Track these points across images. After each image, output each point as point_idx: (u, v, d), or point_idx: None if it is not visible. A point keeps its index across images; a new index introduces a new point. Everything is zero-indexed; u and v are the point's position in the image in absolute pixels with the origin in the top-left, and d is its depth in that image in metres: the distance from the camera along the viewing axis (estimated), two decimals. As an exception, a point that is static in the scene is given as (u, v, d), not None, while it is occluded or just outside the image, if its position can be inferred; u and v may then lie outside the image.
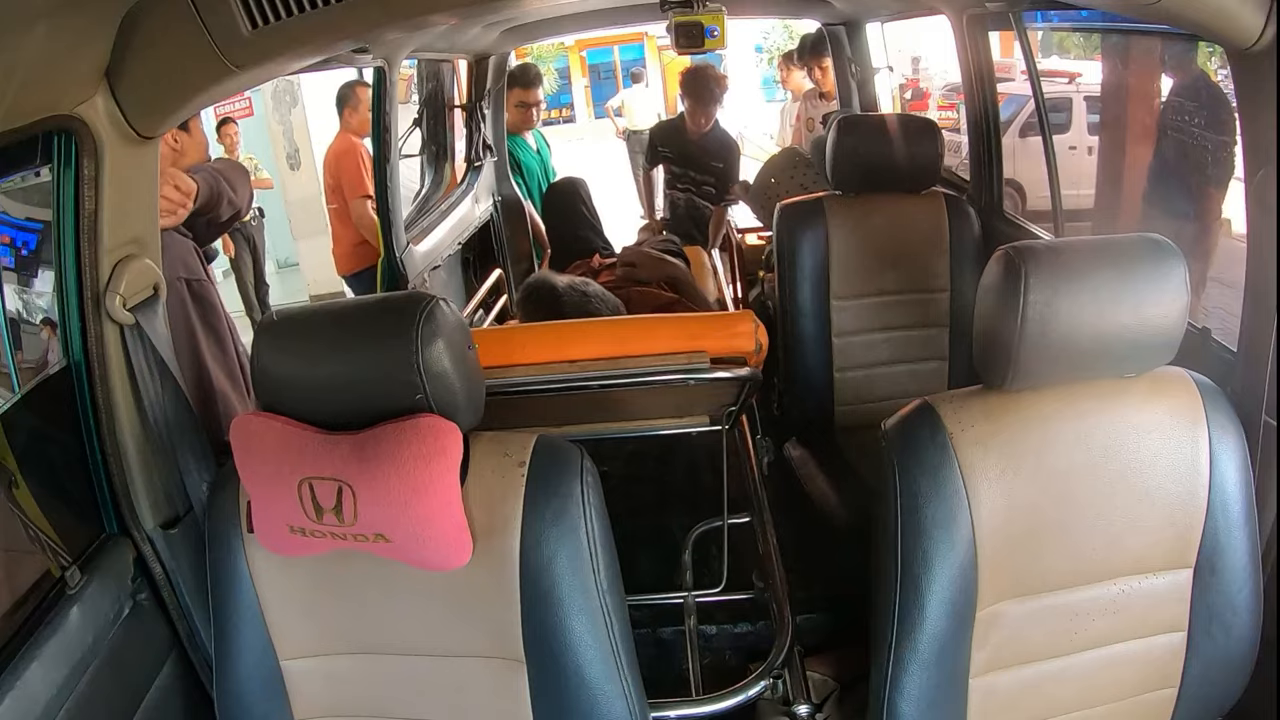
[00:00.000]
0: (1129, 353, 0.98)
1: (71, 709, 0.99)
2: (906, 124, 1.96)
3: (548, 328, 1.84)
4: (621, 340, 1.57)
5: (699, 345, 1.53)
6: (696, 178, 3.41)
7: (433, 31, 2.41)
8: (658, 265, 2.45)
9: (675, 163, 3.45)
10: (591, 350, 1.55)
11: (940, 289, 1.96)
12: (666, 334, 1.59)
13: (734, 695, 1.40)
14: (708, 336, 1.56)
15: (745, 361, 1.54)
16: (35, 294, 1.22)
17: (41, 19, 0.84)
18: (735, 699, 1.39)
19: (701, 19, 1.87)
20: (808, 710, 1.46)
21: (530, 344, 1.57)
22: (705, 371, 1.50)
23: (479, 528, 0.94)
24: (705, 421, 1.97)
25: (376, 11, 1.04)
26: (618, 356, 1.53)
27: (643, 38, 14.09)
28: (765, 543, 1.73)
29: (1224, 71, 2.43)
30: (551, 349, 1.56)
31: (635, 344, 1.56)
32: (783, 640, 1.49)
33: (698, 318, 1.84)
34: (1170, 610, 1.05)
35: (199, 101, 1.12)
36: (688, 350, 1.53)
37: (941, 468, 0.98)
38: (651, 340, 1.57)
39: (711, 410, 1.93)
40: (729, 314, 2.19)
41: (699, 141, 3.37)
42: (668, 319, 1.86)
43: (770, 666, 1.43)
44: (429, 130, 3.33)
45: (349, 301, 0.95)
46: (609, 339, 1.59)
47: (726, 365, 1.51)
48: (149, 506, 1.16)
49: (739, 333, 1.56)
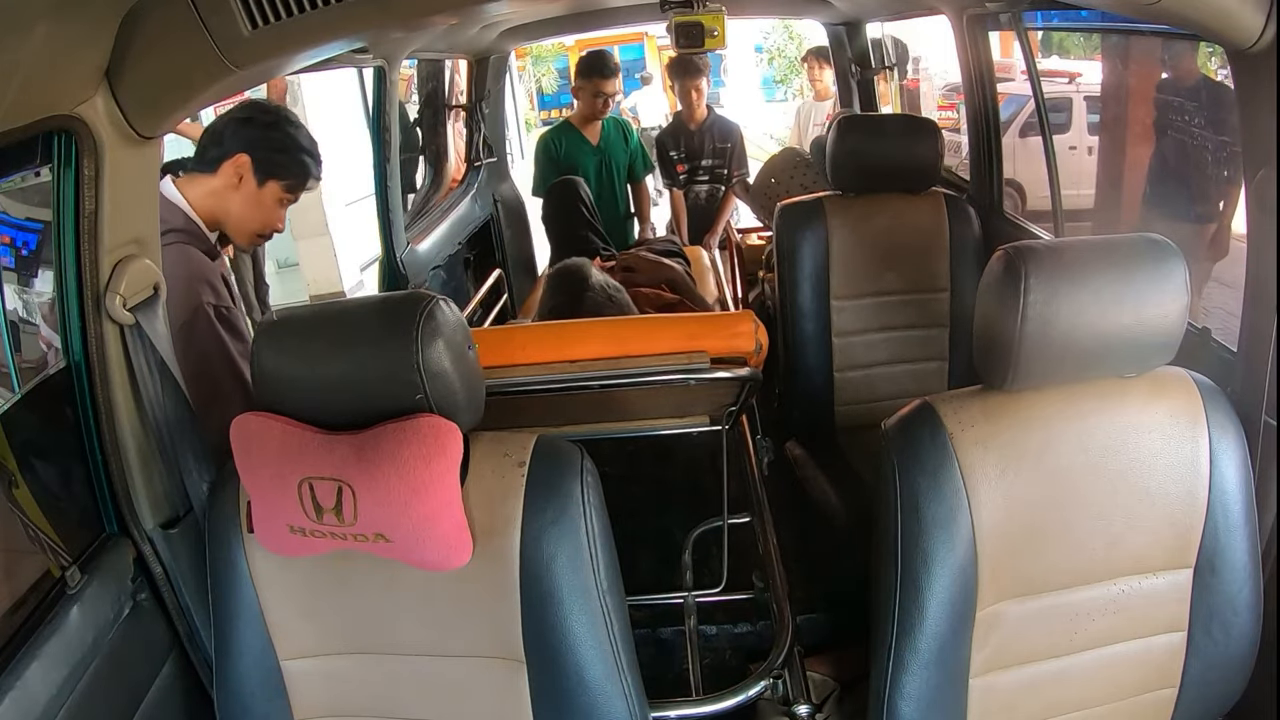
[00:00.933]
0: (1129, 353, 0.98)
1: (71, 709, 0.99)
2: (906, 124, 1.96)
3: (549, 328, 1.85)
4: (622, 341, 1.57)
5: (699, 345, 1.54)
6: (707, 165, 3.48)
7: (433, 31, 2.41)
8: (655, 269, 2.47)
9: (686, 158, 3.51)
10: (592, 350, 1.55)
11: (940, 289, 1.96)
12: (667, 334, 1.59)
13: (734, 695, 1.39)
14: (708, 337, 1.57)
15: (745, 361, 1.54)
16: (35, 294, 1.22)
17: (41, 19, 0.84)
18: (735, 699, 1.39)
19: (701, 19, 1.87)
20: (808, 710, 1.45)
21: (531, 344, 1.57)
22: (705, 372, 1.50)
23: (479, 528, 0.94)
24: (705, 422, 1.97)
25: (376, 11, 1.04)
26: (618, 356, 1.53)
27: (643, 38, 14.08)
28: (765, 542, 1.74)
29: (1224, 71, 2.43)
30: (552, 349, 1.56)
31: (636, 344, 1.56)
32: (783, 640, 1.48)
33: (698, 318, 1.84)
34: (1170, 610, 1.05)
35: (199, 101, 1.12)
36: (688, 350, 1.53)
37: (942, 468, 0.98)
38: (652, 341, 1.57)
39: (712, 411, 1.92)
40: (729, 314, 2.19)
41: (700, 130, 3.47)
42: (668, 319, 1.86)
43: (770, 666, 1.43)
44: (429, 130, 3.33)
45: (349, 301, 0.95)
46: (609, 339, 1.59)
47: (727, 365, 1.52)
48: (149, 506, 1.16)
49: (739, 333, 1.57)
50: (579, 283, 1.98)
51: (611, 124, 3.38)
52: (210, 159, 1.51)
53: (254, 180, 1.53)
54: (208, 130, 1.55)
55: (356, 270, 6.44)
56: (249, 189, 1.53)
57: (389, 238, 2.53)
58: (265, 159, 1.53)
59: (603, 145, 3.33)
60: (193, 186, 1.50)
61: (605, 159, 3.32)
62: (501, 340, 1.65)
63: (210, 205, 1.51)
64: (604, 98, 3.21)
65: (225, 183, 1.51)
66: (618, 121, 3.44)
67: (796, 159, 2.85)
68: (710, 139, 3.47)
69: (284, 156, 1.55)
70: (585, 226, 2.85)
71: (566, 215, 2.88)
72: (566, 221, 2.88)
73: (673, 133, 3.58)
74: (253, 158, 1.52)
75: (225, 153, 1.51)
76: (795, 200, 2.02)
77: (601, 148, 3.32)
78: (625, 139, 3.39)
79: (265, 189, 1.54)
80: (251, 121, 1.54)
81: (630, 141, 3.41)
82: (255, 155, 1.52)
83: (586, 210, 2.89)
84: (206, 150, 1.52)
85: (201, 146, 1.53)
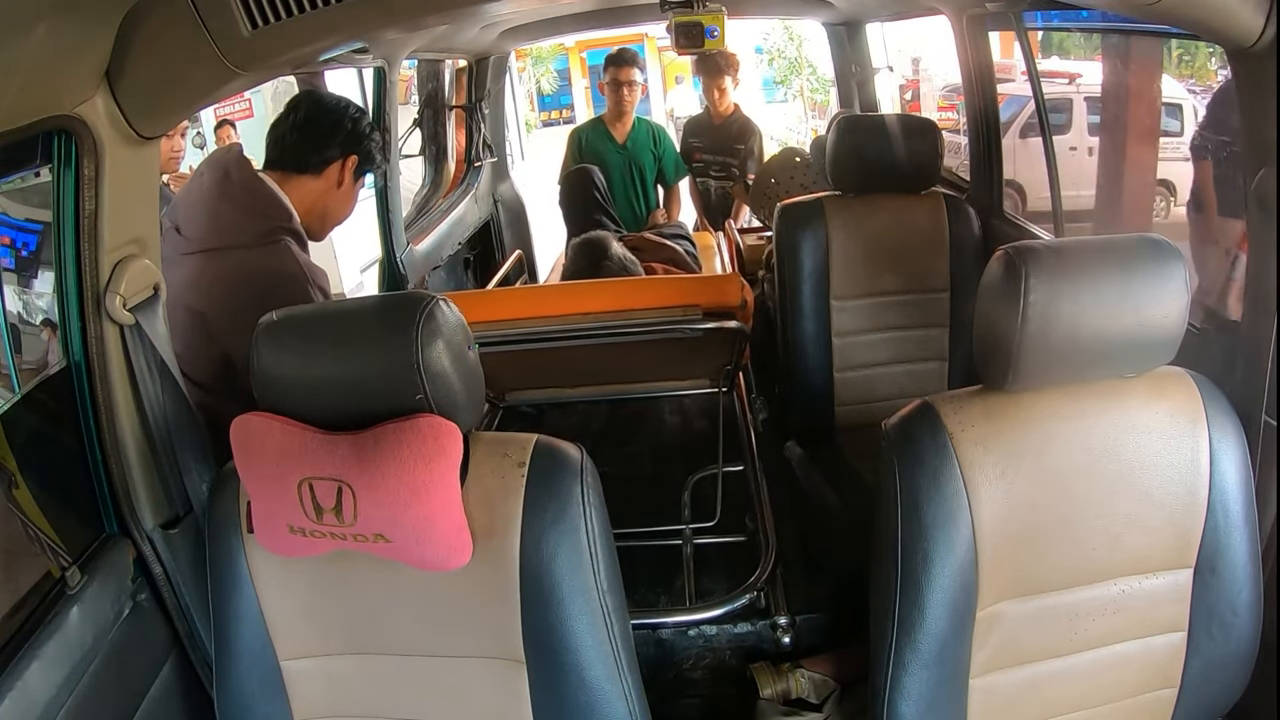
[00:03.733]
0: (1129, 353, 0.98)
1: (71, 709, 0.99)
2: (906, 124, 1.96)
3: (563, 286, 2.16)
4: (624, 297, 1.79)
5: (692, 300, 1.75)
6: (722, 160, 3.51)
7: (433, 32, 2.41)
8: (658, 249, 2.70)
9: (705, 150, 3.55)
10: (598, 305, 1.76)
11: (940, 289, 1.96)
12: (663, 291, 1.83)
13: (724, 605, 1.66)
14: (699, 293, 1.79)
15: (734, 315, 1.75)
16: (35, 294, 1.22)
17: (41, 19, 0.84)
18: (725, 608, 1.66)
19: (701, 19, 1.88)
20: (786, 620, 1.70)
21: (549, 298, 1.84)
22: (698, 323, 1.72)
23: (479, 528, 0.94)
24: (706, 384, 2.27)
25: (376, 11, 1.04)
26: (621, 309, 1.74)
27: (643, 38, 14.07)
28: (755, 485, 2.00)
29: (1224, 72, 2.42)
30: (564, 304, 1.79)
31: (636, 300, 1.78)
32: (767, 560, 1.75)
33: (690, 278, 2.14)
34: (1170, 610, 1.05)
35: (199, 102, 1.12)
36: (683, 305, 1.75)
37: (942, 468, 0.98)
38: (650, 297, 1.79)
39: (711, 372, 2.20)
40: (718, 275, 2.50)
41: (722, 125, 3.50)
42: (664, 279, 2.16)
43: (756, 582, 1.69)
44: (428, 130, 3.33)
45: (349, 301, 0.96)
46: (611, 296, 1.81)
47: (717, 319, 1.73)
48: (149, 506, 1.16)
49: (727, 289, 1.79)
50: (599, 252, 2.25)
51: (643, 126, 3.46)
52: (316, 162, 1.56)
53: (350, 178, 1.61)
54: (312, 134, 1.57)
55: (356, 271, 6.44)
56: (346, 187, 1.61)
57: (389, 238, 2.53)
58: (365, 159, 1.62)
59: (629, 145, 3.40)
60: (296, 188, 1.54)
61: (629, 159, 3.39)
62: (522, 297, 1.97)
63: (309, 205, 1.56)
64: (619, 85, 3.30)
65: (328, 184, 1.58)
66: (650, 125, 3.51)
67: (796, 159, 2.86)
68: (730, 137, 3.50)
69: (378, 155, 1.65)
70: (598, 210, 3.00)
71: (581, 200, 3.04)
72: (581, 205, 3.03)
73: (699, 122, 3.66)
74: (358, 155, 1.60)
75: (334, 156, 1.57)
76: (795, 200, 2.02)
77: (627, 147, 3.40)
78: (654, 142, 3.46)
79: (355, 185, 1.64)
80: (357, 124, 1.60)
81: (660, 145, 3.47)
82: (359, 155, 1.60)
83: (600, 196, 3.05)
84: (308, 154, 1.56)
85: (299, 149, 1.56)
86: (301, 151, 1.55)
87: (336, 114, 1.58)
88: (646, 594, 1.85)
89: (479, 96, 3.27)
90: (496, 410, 2.40)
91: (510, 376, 2.21)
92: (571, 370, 2.15)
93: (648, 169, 3.44)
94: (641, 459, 2.34)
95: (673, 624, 1.73)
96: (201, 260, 1.44)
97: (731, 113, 3.52)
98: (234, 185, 1.47)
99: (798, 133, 10.53)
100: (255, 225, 1.46)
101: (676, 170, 3.51)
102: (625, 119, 3.39)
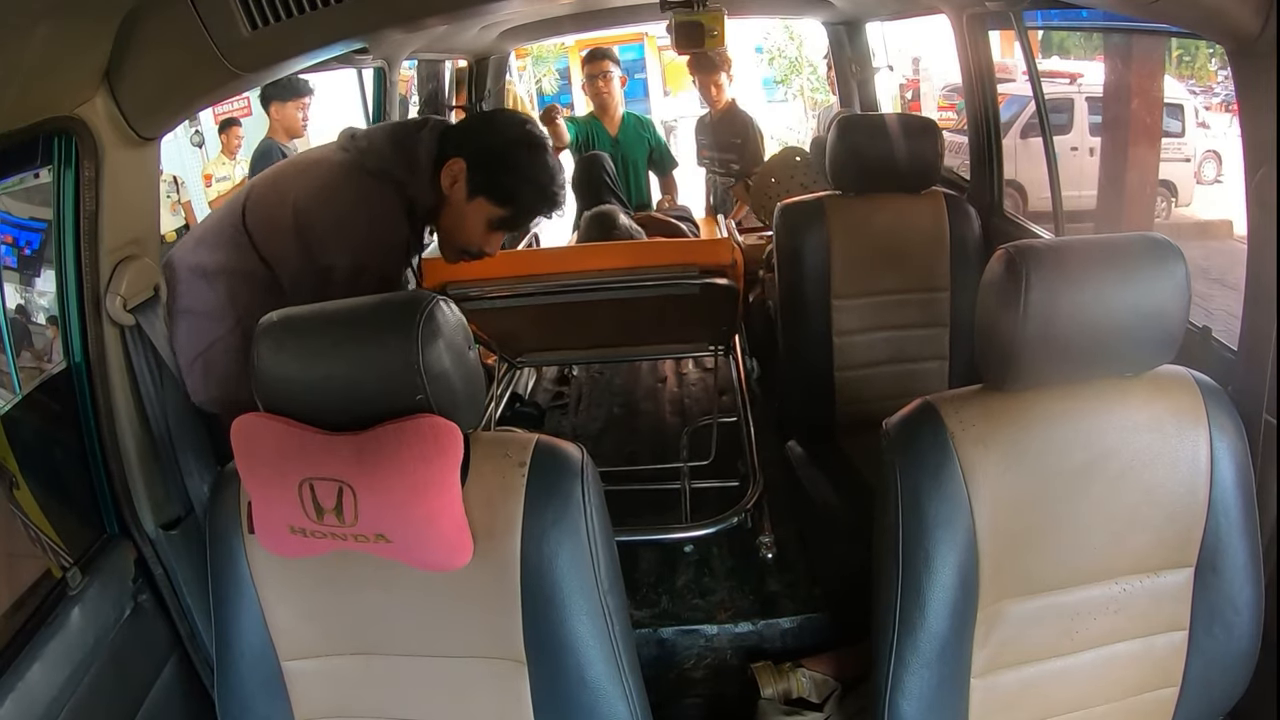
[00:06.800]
0: (1130, 352, 0.98)
1: (73, 710, 0.99)
2: (906, 124, 1.96)
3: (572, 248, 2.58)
4: (627, 257, 2.02)
5: (688, 259, 1.97)
6: (721, 157, 3.55)
7: (433, 32, 2.41)
8: (662, 227, 2.99)
9: (709, 148, 3.62)
10: (603, 264, 1.97)
11: (941, 288, 1.95)
12: (661, 252, 2.09)
13: (715, 524, 1.91)
14: (694, 253, 2.03)
15: (726, 274, 1.95)
16: (36, 294, 1.22)
17: (42, 20, 0.85)
18: (716, 527, 1.91)
19: (701, 19, 1.89)
20: (769, 539, 1.94)
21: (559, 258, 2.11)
22: (694, 279, 1.93)
23: (480, 528, 0.94)
24: (706, 347, 2.53)
25: (376, 11, 1.04)
26: (624, 267, 1.95)
27: (643, 38, 14.06)
28: (746, 431, 2.26)
29: (1224, 72, 2.42)
30: (572, 262, 2.03)
31: (639, 260, 1.99)
32: (755, 488, 1.99)
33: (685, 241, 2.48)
34: (1171, 609, 1.05)
35: (199, 103, 1.12)
36: (680, 263, 1.96)
37: (943, 467, 0.98)
38: (650, 257, 2.03)
39: (709, 335, 2.46)
40: (710, 239, 2.86)
41: (718, 121, 3.54)
42: (664, 242, 2.47)
43: (743, 506, 1.93)
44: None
45: (349, 302, 0.95)
46: (617, 256, 2.03)
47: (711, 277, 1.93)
48: (150, 507, 1.16)
49: (719, 250, 2.01)
50: (610, 222, 2.61)
51: (631, 119, 3.59)
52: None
53: (464, 190, 1.45)
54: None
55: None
56: (458, 198, 1.46)
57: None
58: (481, 171, 1.45)
59: (620, 138, 3.54)
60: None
61: (621, 152, 3.52)
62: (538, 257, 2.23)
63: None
64: (594, 79, 3.46)
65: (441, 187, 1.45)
66: (638, 118, 3.64)
67: (796, 159, 2.85)
68: (728, 131, 3.52)
69: (505, 177, 1.45)
70: (608, 193, 3.24)
71: (593, 183, 3.27)
72: (593, 188, 3.26)
73: (702, 122, 3.71)
74: (469, 166, 1.44)
75: (446, 154, 1.45)
76: (795, 200, 2.02)
77: (619, 139, 3.53)
78: (642, 134, 3.61)
79: (474, 204, 1.46)
80: (485, 130, 1.48)
81: (648, 135, 3.61)
82: (472, 164, 1.44)
83: (609, 179, 3.29)
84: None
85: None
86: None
87: (476, 118, 1.60)
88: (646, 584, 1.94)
89: (479, 97, 3.28)
90: (513, 372, 2.68)
91: (525, 337, 2.50)
92: (582, 332, 2.39)
93: (639, 161, 3.60)
94: (646, 415, 2.67)
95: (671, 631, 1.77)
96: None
97: (727, 106, 3.54)
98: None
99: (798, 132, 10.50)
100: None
101: (669, 159, 3.70)
102: (612, 112, 3.52)
